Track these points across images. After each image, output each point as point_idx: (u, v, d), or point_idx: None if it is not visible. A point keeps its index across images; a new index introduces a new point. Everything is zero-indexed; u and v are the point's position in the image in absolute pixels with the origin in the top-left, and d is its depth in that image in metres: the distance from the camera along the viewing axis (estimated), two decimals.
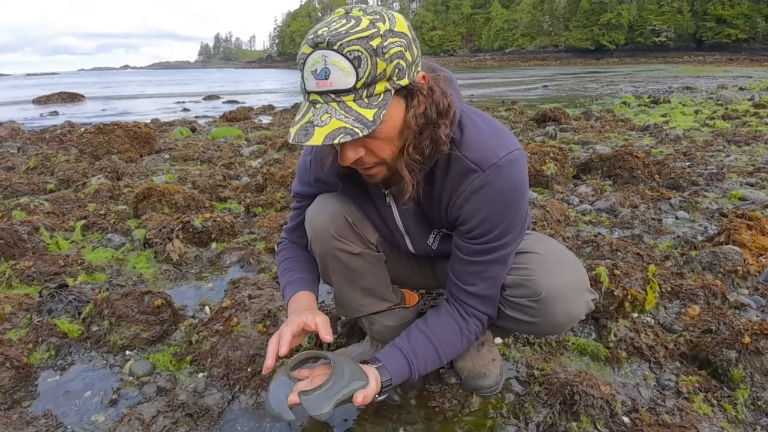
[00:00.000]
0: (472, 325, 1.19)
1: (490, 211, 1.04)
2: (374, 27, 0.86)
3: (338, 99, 0.87)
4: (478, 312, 1.18)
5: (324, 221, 1.23)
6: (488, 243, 1.08)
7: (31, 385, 1.46)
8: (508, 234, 1.08)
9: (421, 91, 0.94)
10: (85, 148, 4.78)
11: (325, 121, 0.87)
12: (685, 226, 2.67)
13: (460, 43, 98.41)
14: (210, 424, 1.29)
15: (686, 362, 1.48)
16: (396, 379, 1.13)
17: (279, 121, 8.18)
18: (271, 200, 3.14)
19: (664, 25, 67.08)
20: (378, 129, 0.90)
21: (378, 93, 0.88)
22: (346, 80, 0.85)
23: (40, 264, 2.18)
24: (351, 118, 0.87)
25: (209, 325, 1.67)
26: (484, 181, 1.02)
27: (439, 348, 1.18)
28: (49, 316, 1.79)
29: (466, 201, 1.05)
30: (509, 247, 1.11)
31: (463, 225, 1.09)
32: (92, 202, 3.23)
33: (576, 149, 4.91)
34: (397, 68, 0.88)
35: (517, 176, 1.04)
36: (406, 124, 0.94)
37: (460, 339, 1.19)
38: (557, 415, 1.25)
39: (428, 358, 1.17)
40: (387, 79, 0.88)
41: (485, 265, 1.12)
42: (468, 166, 1.03)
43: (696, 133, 5.71)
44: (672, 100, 9.63)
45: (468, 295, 1.17)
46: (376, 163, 0.99)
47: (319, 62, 0.85)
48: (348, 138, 0.86)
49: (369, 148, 0.96)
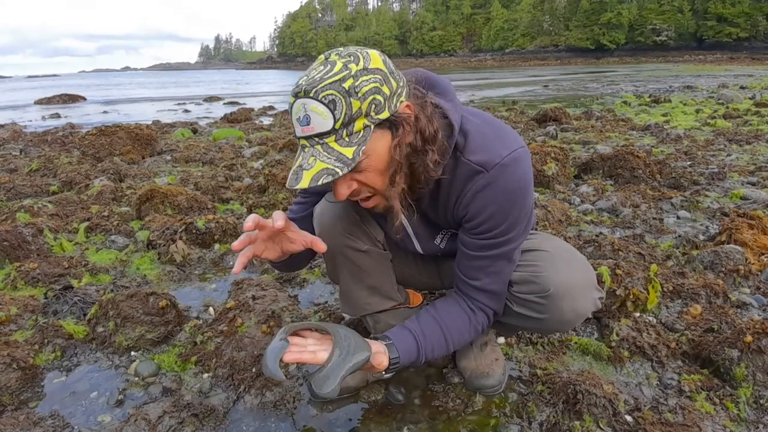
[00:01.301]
0: (480, 317, 1.19)
1: (496, 208, 1.05)
2: (346, 69, 0.90)
3: (321, 141, 0.93)
4: (484, 306, 1.19)
5: (332, 218, 1.25)
6: (493, 238, 1.09)
7: (37, 386, 1.47)
8: (513, 230, 1.09)
9: (407, 120, 0.97)
10: (87, 149, 4.79)
11: (311, 163, 0.93)
12: (687, 226, 2.67)
13: (460, 44, 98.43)
14: (215, 424, 1.30)
15: (688, 361, 1.49)
16: (404, 359, 1.12)
17: (280, 122, 8.18)
18: (274, 201, 3.15)
19: (665, 24, 67.02)
20: (365, 163, 0.96)
21: (358, 130, 0.93)
22: (325, 123, 0.90)
23: (44, 266, 2.19)
24: (333, 159, 0.92)
25: (214, 326, 1.68)
26: (488, 180, 1.04)
27: (448, 333, 1.18)
28: (54, 318, 1.80)
29: (472, 200, 1.07)
30: (514, 243, 1.12)
31: (469, 222, 1.10)
32: (95, 203, 3.24)
33: (577, 149, 4.92)
34: (373, 104, 0.92)
35: (522, 173, 1.05)
36: (391, 156, 0.98)
37: (468, 328, 1.19)
38: (560, 414, 1.26)
39: (436, 342, 1.17)
40: (365, 116, 0.92)
41: (490, 260, 1.13)
42: (473, 168, 1.05)
43: (697, 133, 5.71)
44: (673, 100, 9.63)
45: (474, 290, 1.17)
46: (372, 194, 1.04)
47: (300, 110, 0.92)
48: (330, 178, 0.91)
49: (360, 181, 1.00)
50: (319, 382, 0.99)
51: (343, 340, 1.03)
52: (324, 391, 0.98)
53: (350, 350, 1.02)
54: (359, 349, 1.03)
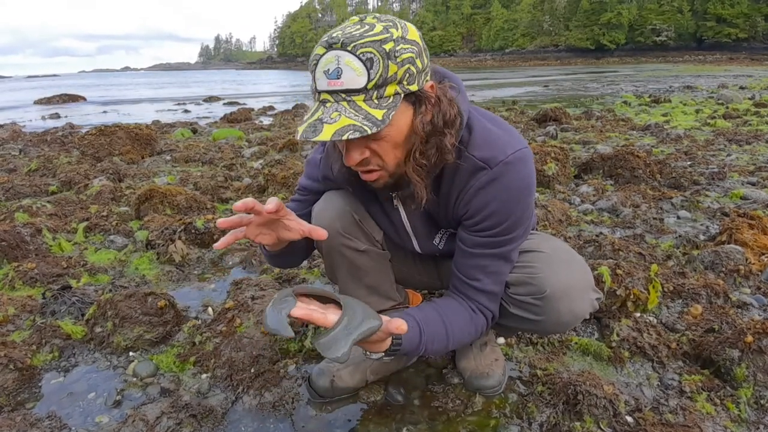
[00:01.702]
0: (480, 318, 1.17)
1: (498, 206, 1.04)
2: (387, 32, 0.88)
3: (348, 98, 0.89)
4: (484, 308, 1.16)
5: (330, 217, 1.24)
6: (494, 237, 1.08)
7: (34, 387, 1.46)
8: (514, 230, 1.08)
9: (429, 99, 0.96)
10: (87, 149, 4.78)
11: (335, 118, 0.88)
12: (687, 226, 2.67)
13: (460, 44, 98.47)
14: (214, 424, 1.29)
15: (689, 362, 1.48)
16: (405, 345, 1.06)
17: (280, 122, 8.18)
18: None
19: (665, 24, 67.04)
20: (386, 131, 0.93)
21: (388, 95, 0.90)
22: (358, 80, 0.87)
23: (42, 266, 2.19)
24: (360, 117, 0.88)
25: (212, 326, 1.67)
26: (492, 177, 1.03)
27: (449, 328, 1.13)
28: (52, 318, 1.79)
29: (474, 197, 1.06)
30: (514, 243, 1.11)
31: (470, 219, 1.09)
32: (94, 203, 3.23)
33: (577, 149, 4.91)
34: (407, 73, 0.90)
35: (526, 173, 1.04)
36: (413, 130, 0.96)
37: (468, 326, 1.16)
38: (560, 415, 1.25)
39: (437, 335, 1.12)
40: (397, 83, 0.90)
41: (489, 259, 1.11)
42: (476, 164, 1.04)
43: (697, 133, 5.71)
44: (673, 100, 9.62)
45: (474, 291, 1.15)
46: (380, 168, 1.01)
47: (332, 62, 0.88)
48: (357, 135, 0.87)
49: (375, 150, 0.97)
50: (327, 345, 0.93)
51: (353, 307, 0.98)
52: (334, 354, 0.92)
53: (362, 317, 0.97)
54: (370, 317, 0.97)
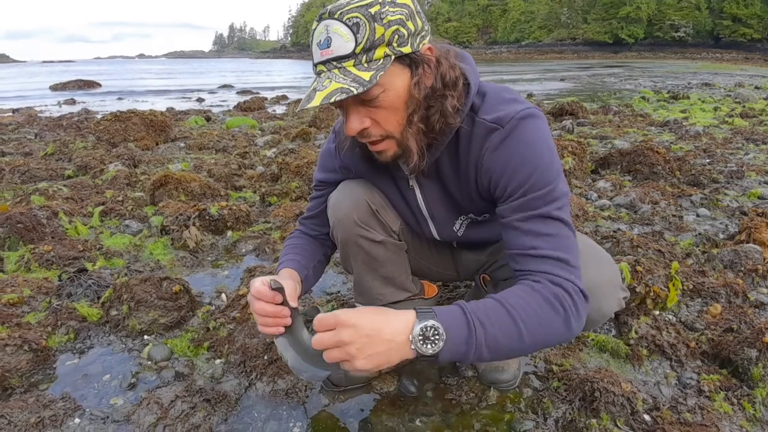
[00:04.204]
0: (552, 288, 0.90)
1: (518, 160, 0.97)
2: None
3: (339, 65, 0.91)
4: (557, 278, 0.92)
5: (347, 208, 1.22)
6: (527, 195, 0.97)
7: (49, 369, 1.48)
8: (545, 183, 0.96)
9: (427, 62, 0.95)
10: (102, 135, 4.82)
11: (326, 85, 0.90)
12: (707, 224, 2.62)
13: (475, 35, 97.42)
14: (227, 409, 1.29)
15: (707, 361, 1.46)
16: (447, 323, 0.83)
17: (293, 112, 8.17)
18: (286, 190, 3.14)
19: (683, 20, 65.70)
20: (381, 98, 0.93)
21: (377, 58, 0.90)
22: (346, 46, 0.89)
23: (59, 248, 2.20)
24: (349, 80, 0.89)
25: (226, 313, 1.68)
26: (505, 135, 0.98)
27: (512, 310, 0.87)
28: (68, 300, 1.81)
29: (492, 160, 1.01)
30: (555, 200, 0.96)
31: (497, 188, 1.02)
32: (110, 188, 3.25)
33: (594, 144, 4.84)
34: (396, 34, 0.90)
35: (539, 126, 0.99)
36: (410, 94, 0.95)
37: (541, 304, 0.88)
38: (576, 412, 1.24)
39: (493, 315, 0.86)
40: (386, 45, 0.90)
41: (536, 222, 0.96)
42: (488, 126, 1.01)
43: (716, 130, 5.59)
44: (691, 96, 9.44)
45: (534, 260, 0.94)
46: (384, 137, 0.99)
47: (322, 33, 0.91)
48: (343, 96, 0.87)
49: (374, 118, 0.96)
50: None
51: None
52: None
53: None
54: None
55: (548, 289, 0.90)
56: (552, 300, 0.89)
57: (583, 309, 0.92)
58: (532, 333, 0.87)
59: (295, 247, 1.31)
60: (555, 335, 0.90)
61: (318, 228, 1.36)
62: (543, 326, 0.88)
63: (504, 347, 0.87)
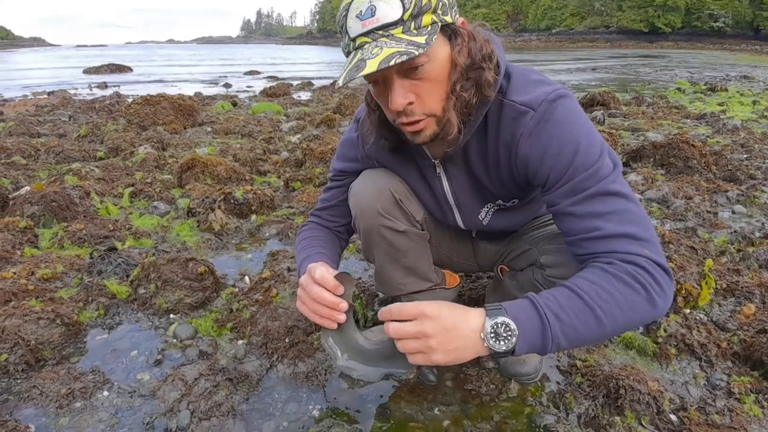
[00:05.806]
0: (624, 266, 0.86)
1: (556, 146, 0.93)
2: None
3: (387, 33, 0.87)
4: (625, 255, 0.87)
5: (370, 197, 1.21)
6: (576, 177, 0.92)
7: (80, 342, 1.53)
8: (591, 159, 0.92)
9: (463, 34, 0.94)
10: (133, 118, 4.91)
11: (377, 53, 0.84)
12: (742, 221, 2.52)
13: (504, 23, 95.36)
14: (249, 389, 1.31)
15: (739, 362, 1.41)
16: (523, 323, 0.83)
17: (318, 98, 8.17)
18: (310, 176, 3.15)
19: (723, 10, 62.90)
20: (427, 68, 0.90)
21: (425, 25, 0.88)
22: (393, 13, 0.85)
23: (90, 227, 2.27)
24: (403, 44, 0.85)
25: (249, 295, 1.70)
26: (538, 118, 0.95)
27: (585, 296, 0.84)
28: (99, 277, 1.86)
29: (528, 147, 0.97)
30: (606, 176, 0.91)
31: (537, 175, 0.98)
32: (139, 170, 3.32)
33: (626, 135, 4.70)
34: (441, 2, 0.88)
35: (572, 105, 0.96)
36: (452, 63, 0.92)
37: (613, 282, 0.85)
38: (600, 408, 1.21)
39: (565, 302, 0.84)
40: (432, 11, 0.88)
41: (593, 203, 0.91)
42: (518, 109, 0.97)
43: (754, 125, 5.36)
44: (729, 89, 9.06)
45: (599, 242, 0.90)
46: (424, 116, 0.95)
47: (364, 3, 0.87)
48: (405, 57, 0.82)
49: (419, 93, 0.92)
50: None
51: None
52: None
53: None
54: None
55: (621, 269, 0.86)
56: (627, 279, 0.85)
57: (666, 282, 0.87)
58: (611, 316, 0.84)
59: (319, 239, 1.28)
60: (638, 315, 0.85)
61: (335, 219, 1.33)
62: (622, 308, 0.84)
63: (583, 335, 0.84)
